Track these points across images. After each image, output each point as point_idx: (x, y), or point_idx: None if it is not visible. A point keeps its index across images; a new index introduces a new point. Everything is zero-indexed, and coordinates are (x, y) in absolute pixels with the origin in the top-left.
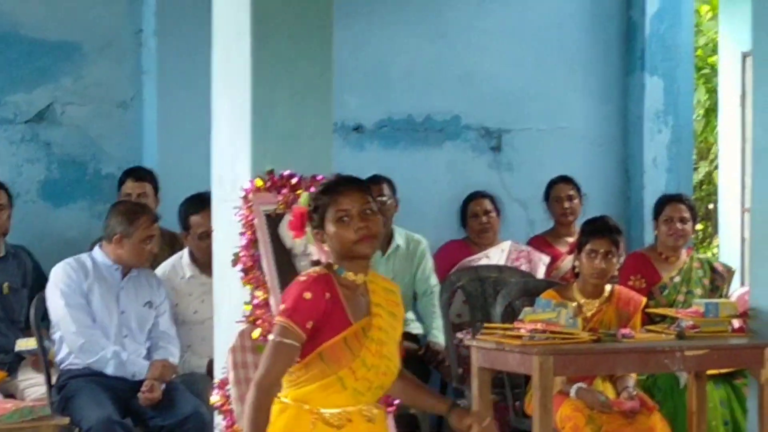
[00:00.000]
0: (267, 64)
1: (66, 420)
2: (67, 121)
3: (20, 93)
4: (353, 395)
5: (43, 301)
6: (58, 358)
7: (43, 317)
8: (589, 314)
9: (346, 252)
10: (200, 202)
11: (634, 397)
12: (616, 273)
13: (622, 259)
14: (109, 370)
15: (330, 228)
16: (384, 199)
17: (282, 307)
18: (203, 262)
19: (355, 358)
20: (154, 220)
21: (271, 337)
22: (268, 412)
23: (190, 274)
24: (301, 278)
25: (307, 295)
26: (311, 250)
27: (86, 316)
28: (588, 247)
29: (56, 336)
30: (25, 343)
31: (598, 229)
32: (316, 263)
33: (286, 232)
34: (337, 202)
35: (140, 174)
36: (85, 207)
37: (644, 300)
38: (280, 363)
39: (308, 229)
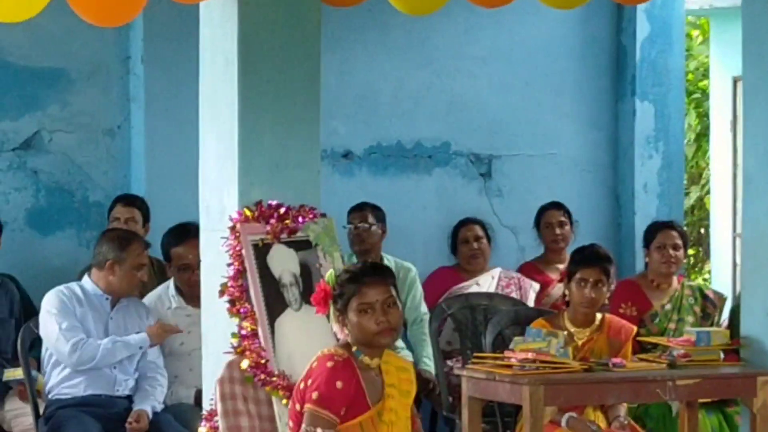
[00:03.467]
0: (254, 92)
1: None
2: (55, 149)
3: (7, 120)
4: None
5: (30, 331)
6: (48, 386)
7: (31, 347)
8: (580, 343)
9: (366, 341)
10: (182, 234)
11: (625, 426)
12: (606, 302)
13: (612, 287)
14: (111, 360)
15: (352, 317)
16: (367, 226)
17: (315, 395)
18: (188, 294)
19: None
20: (145, 247)
21: (303, 426)
22: None
23: (175, 305)
24: (327, 362)
25: (339, 384)
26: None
27: (80, 333)
28: (578, 276)
29: (47, 364)
30: (13, 373)
31: (588, 258)
32: None
33: (274, 261)
34: (361, 294)
35: (130, 200)
36: (72, 235)
37: (635, 329)
38: None
39: (331, 309)
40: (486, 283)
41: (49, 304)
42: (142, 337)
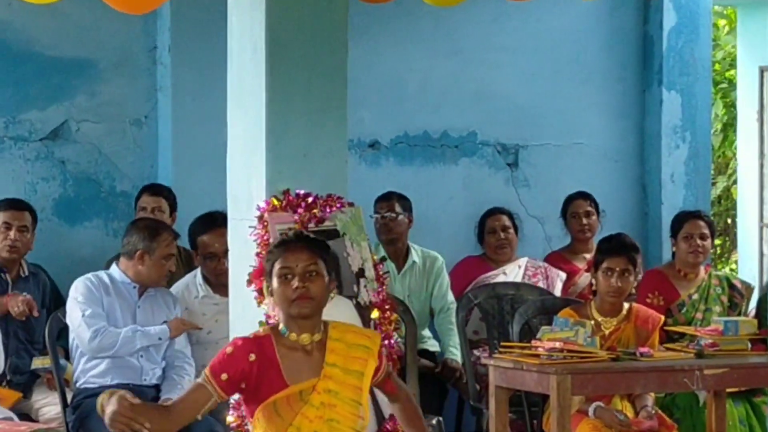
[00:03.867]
0: (282, 82)
1: None
2: (82, 139)
3: (35, 111)
4: None
5: (58, 320)
6: (76, 375)
7: (59, 337)
8: (607, 332)
9: (284, 309)
10: (209, 222)
11: (653, 416)
12: (633, 291)
13: (639, 277)
14: (131, 348)
15: (273, 283)
16: (394, 215)
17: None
18: (215, 282)
19: (287, 425)
20: (174, 238)
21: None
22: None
23: (203, 294)
24: (241, 337)
25: (229, 349)
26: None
27: (102, 320)
28: (604, 265)
29: (75, 353)
30: (41, 361)
31: (615, 247)
32: None
33: None
34: (283, 258)
35: (157, 189)
36: (100, 225)
37: (662, 318)
38: (189, 400)
39: (264, 281)
40: (513, 272)
41: (76, 292)
42: (162, 328)
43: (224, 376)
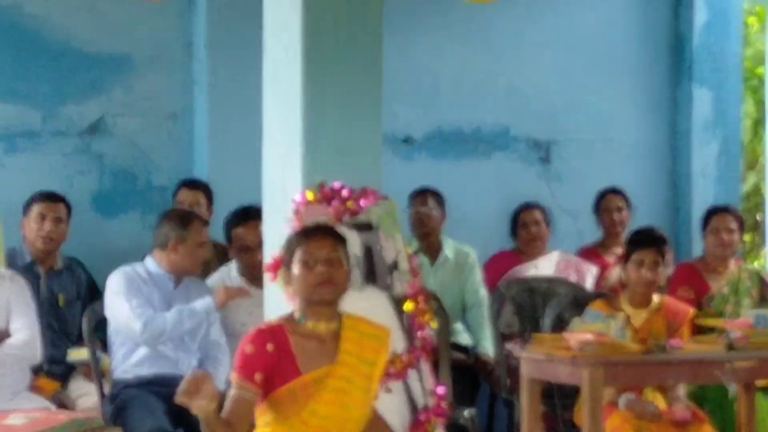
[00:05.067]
0: (317, 75)
1: (118, 430)
2: (119, 133)
3: (72, 105)
4: None
5: (95, 312)
6: (113, 367)
7: (95, 329)
8: (637, 325)
9: (306, 295)
10: (244, 216)
11: (689, 407)
12: (663, 283)
13: (669, 270)
14: (181, 329)
15: (295, 270)
16: (428, 210)
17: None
18: (249, 275)
19: (302, 409)
20: (204, 225)
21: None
22: None
23: (237, 286)
24: (251, 331)
25: (248, 348)
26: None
27: (148, 308)
28: (634, 257)
29: (113, 344)
30: (77, 353)
31: (645, 239)
32: None
33: None
34: (306, 246)
35: (195, 184)
36: (136, 218)
37: (693, 311)
38: (235, 413)
39: (281, 277)
40: (544, 266)
41: (115, 285)
42: (207, 302)
43: (258, 377)
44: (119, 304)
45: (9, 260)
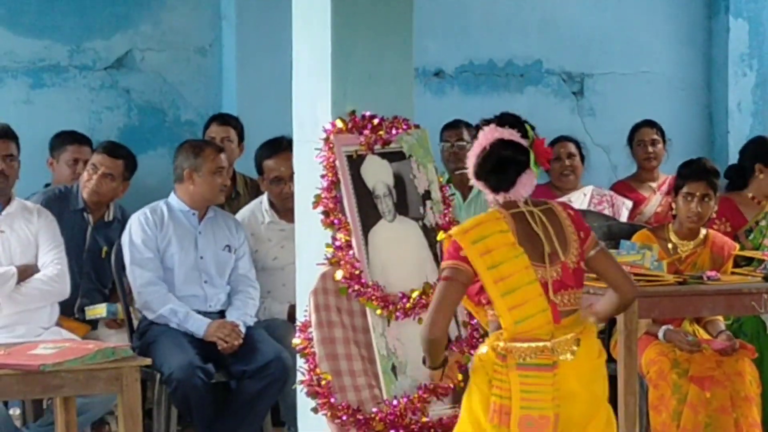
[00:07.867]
0: (347, 6)
1: (148, 360)
2: (146, 68)
3: (99, 39)
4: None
5: (121, 251)
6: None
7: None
8: (683, 255)
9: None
10: (274, 147)
11: (732, 338)
12: (714, 216)
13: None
14: (172, 326)
15: None
16: (463, 143)
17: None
18: (280, 207)
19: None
20: (219, 151)
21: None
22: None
23: (269, 220)
24: None
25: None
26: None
27: (149, 272)
28: (685, 189)
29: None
30: (93, 311)
31: (696, 172)
32: None
33: (368, 173)
34: None
35: (225, 119)
36: (164, 153)
37: (737, 246)
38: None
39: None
40: (578, 200)
41: (134, 232)
42: (200, 324)
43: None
44: (126, 262)
45: (60, 199)
